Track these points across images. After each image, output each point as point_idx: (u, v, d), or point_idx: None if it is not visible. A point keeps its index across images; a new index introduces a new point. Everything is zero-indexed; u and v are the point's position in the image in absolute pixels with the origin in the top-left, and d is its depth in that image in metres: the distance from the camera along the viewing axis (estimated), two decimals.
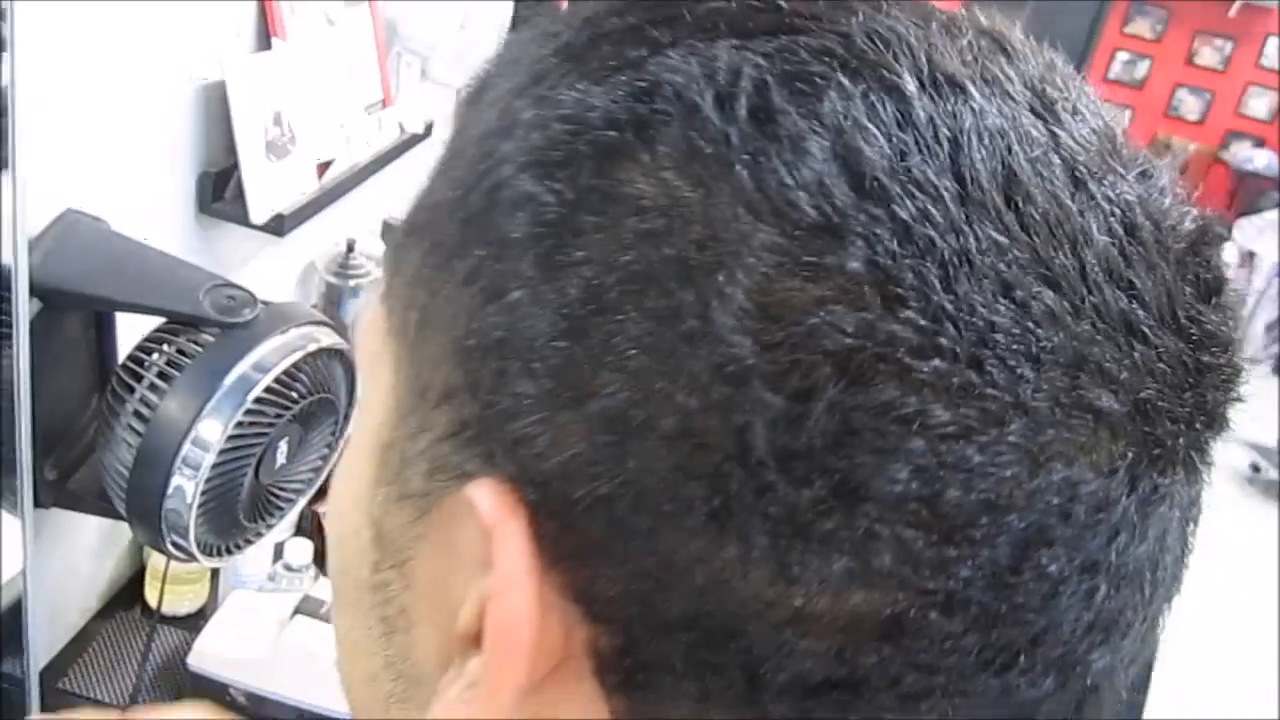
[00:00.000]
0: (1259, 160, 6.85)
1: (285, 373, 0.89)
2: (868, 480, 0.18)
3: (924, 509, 0.18)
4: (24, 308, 0.81)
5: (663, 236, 0.19)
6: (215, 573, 1.22)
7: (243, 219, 1.13)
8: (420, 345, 0.24)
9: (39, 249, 0.83)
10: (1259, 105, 7.13)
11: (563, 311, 0.20)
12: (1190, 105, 7.26)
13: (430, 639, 0.25)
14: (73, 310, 0.89)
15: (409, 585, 0.26)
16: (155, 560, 1.17)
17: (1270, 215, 6.06)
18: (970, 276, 0.19)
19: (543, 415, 0.21)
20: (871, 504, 0.18)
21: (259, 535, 0.97)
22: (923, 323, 0.18)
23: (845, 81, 0.19)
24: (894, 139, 0.19)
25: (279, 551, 1.20)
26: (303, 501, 1.00)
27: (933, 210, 0.19)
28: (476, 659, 0.22)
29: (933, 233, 0.19)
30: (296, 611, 1.09)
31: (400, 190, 1.22)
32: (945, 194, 0.19)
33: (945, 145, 0.19)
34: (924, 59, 0.20)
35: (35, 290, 0.81)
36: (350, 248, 1.49)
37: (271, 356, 0.88)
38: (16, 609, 0.93)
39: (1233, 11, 6.82)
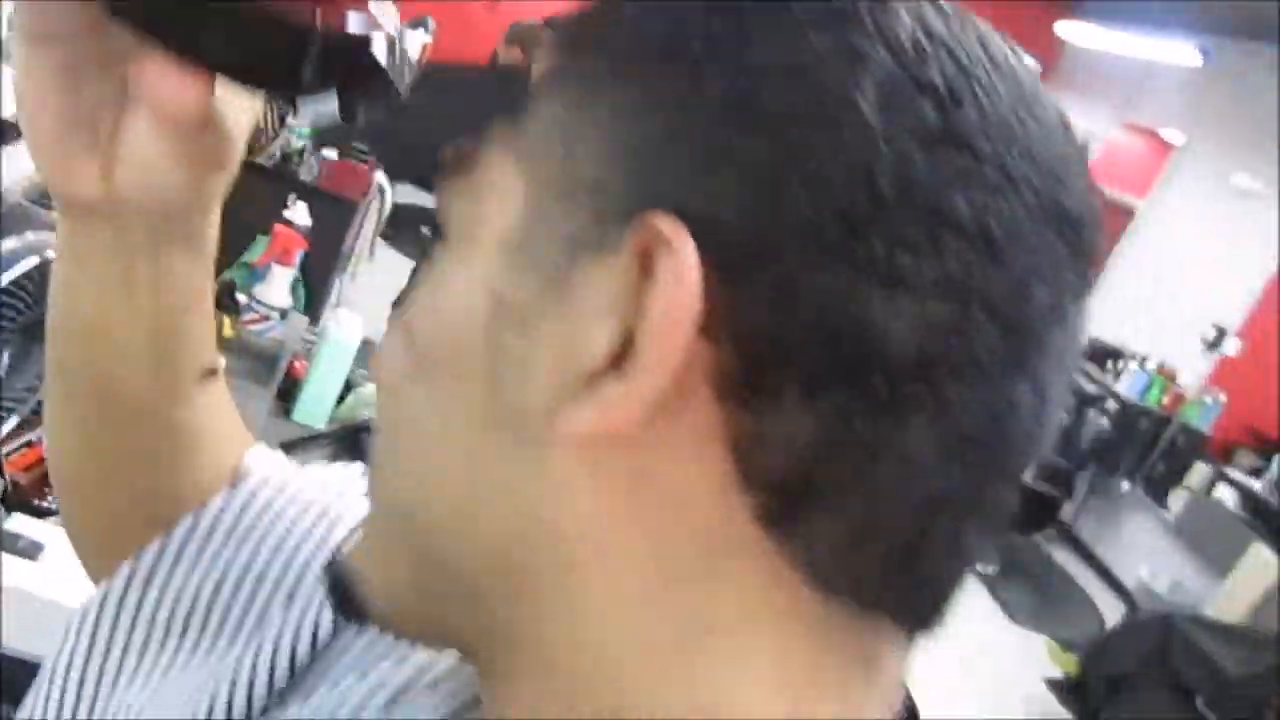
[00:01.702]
0: None
1: (17, 281, 0.86)
2: (950, 209, 0.26)
3: (980, 235, 0.27)
4: None
5: (807, 52, 0.27)
6: None
7: None
8: (571, 155, 0.29)
9: None
10: None
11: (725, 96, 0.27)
12: None
13: (548, 383, 0.28)
14: None
15: (531, 341, 0.28)
16: None
17: None
18: (998, 100, 0.28)
19: (702, 175, 0.27)
20: (950, 229, 0.26)
21: None
22: (976, 118, 0.27)
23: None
24: (952, 29, 0.29)
25: None
26: (14, 420, 0.95)
27: (975, 62, 0.28)
28: (615, 382, 0.27)
29: (979, 71, 0.28)
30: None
31: None
32: (979, 55, 0.28)
33: (975, 36, 0.29)
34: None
35: None
36: None
37: (4, 261, 0.85)
38: None
39: None
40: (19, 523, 1.08)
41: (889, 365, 0.26)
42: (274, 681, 0.42)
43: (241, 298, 2.04)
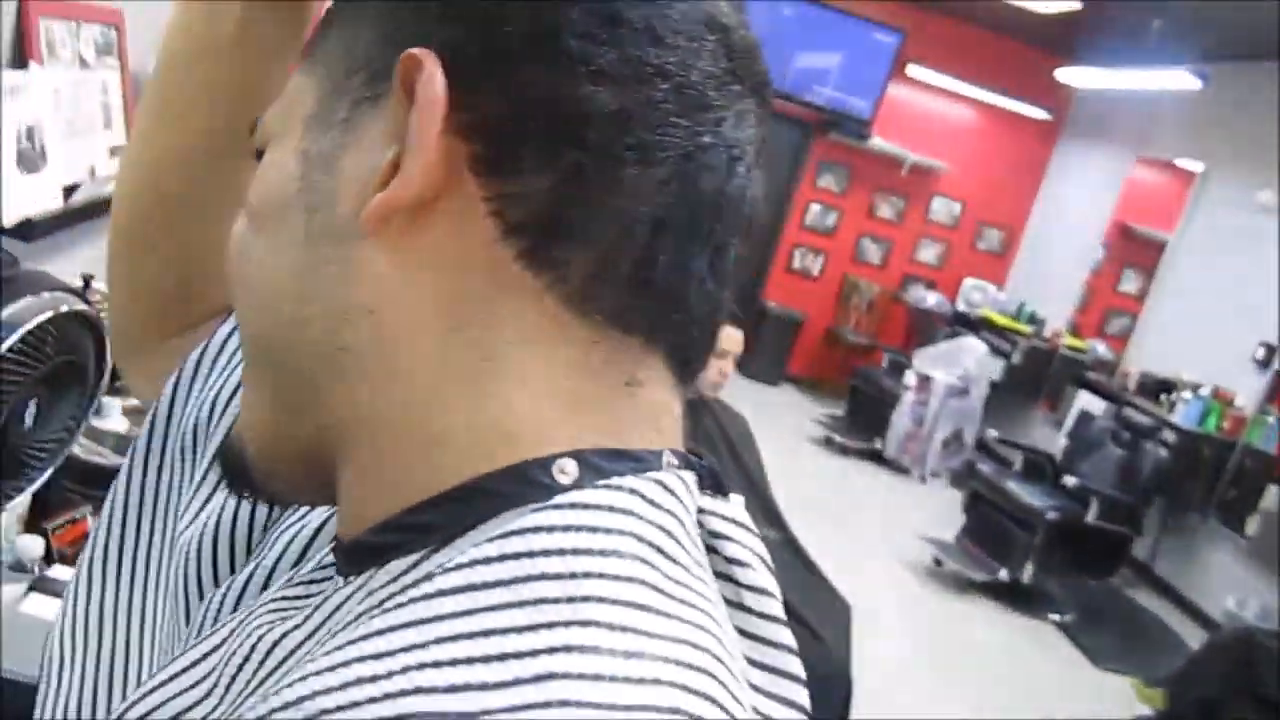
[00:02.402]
0: (930, 300, 7.85)
1: (33, 331, 0.96)
2: (621, 15, 0.36)
3: (647, 30, 0.36)
4: None
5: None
6: None
7: None
8: (347, 50, 0.39)
9: None
10: (929, 254, 8.22)
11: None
12: (873, 252, 8.26)
13: (349, 200, 0.37)
14: None
15: (334, 175, 0.38)
16: None
17: (942, 346, 6.92)
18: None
19: (440, 24, 0.36)
20: (623, 27, 0.36)
21: (8, 497, 1.01)
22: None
23: None
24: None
25: (12, 549, 1.21)
26: (49, 470, 1.05)
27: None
28: (396, 176, 0.35)
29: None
30: (30, 589, 1.11)
31: None
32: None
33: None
34: None
35: None
36: (87, 282, 1.54)
37: (22, 314, 0.95)
38: None
39: (904, 172, 7.89)
40: (60, 570, 1.18)
41: (597, 124, 0.35)
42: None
43: None
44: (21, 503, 1.32)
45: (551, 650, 0.30)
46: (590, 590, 0.32)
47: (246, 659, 0.39)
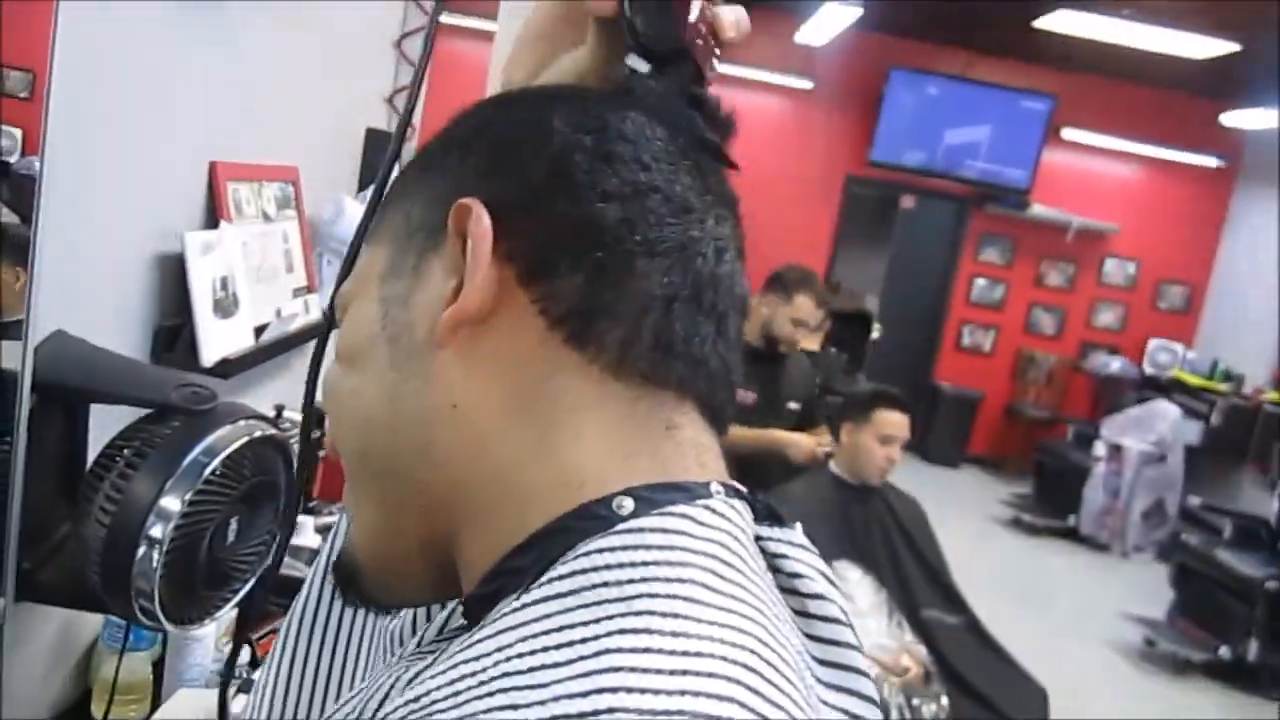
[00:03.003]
0: (1114, 365, 7.49)
1: (232, 456, 1.08)
2: (618, 155, 0.46)
3: (636, 160, 0.46)
4: (26, 405, 1.01)
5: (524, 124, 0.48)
6: (158, 685, 1.34)
7: (192, 364, 1.34)
8: (409, 217, 0.49)
9: (39, 355, 1.03)
10: (1107, 318, 7.88)
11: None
12: (1046, 322, 7.98)
13: (423, 326, 0.46)
14: (62, 403, 1.08)
15: (409, 309, 0.47)
16: (105, 671, 1.30)
17: (1132, 412, 6.58)
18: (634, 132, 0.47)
19: (483, 181, 0.46)
20: (621, 163, 0.46)
21: (216, 607, 1.13)
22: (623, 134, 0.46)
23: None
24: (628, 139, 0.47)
25: (219, 651, 1.33)
26: (251, 581, 1.16)
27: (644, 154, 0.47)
28: (464, 279, 0.44)
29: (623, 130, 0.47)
30: (237, 692, 1.22)
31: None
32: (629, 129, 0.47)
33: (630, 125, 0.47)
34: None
35: (34, 386, 1.01)
36: (279, 412, 1.70)
37: (222, 441, 1.08)
38: None
39: (1069, 237, 7.65)
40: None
41: (610, 231, 0.45)
42: None
43: None
44: (228, 615, 1.45)
45: (609, 633, 0.36)
46: (644, 589, 0.38)
47: (386, 695, 0.45)
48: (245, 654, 1.33)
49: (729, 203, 0.50)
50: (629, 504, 0.42)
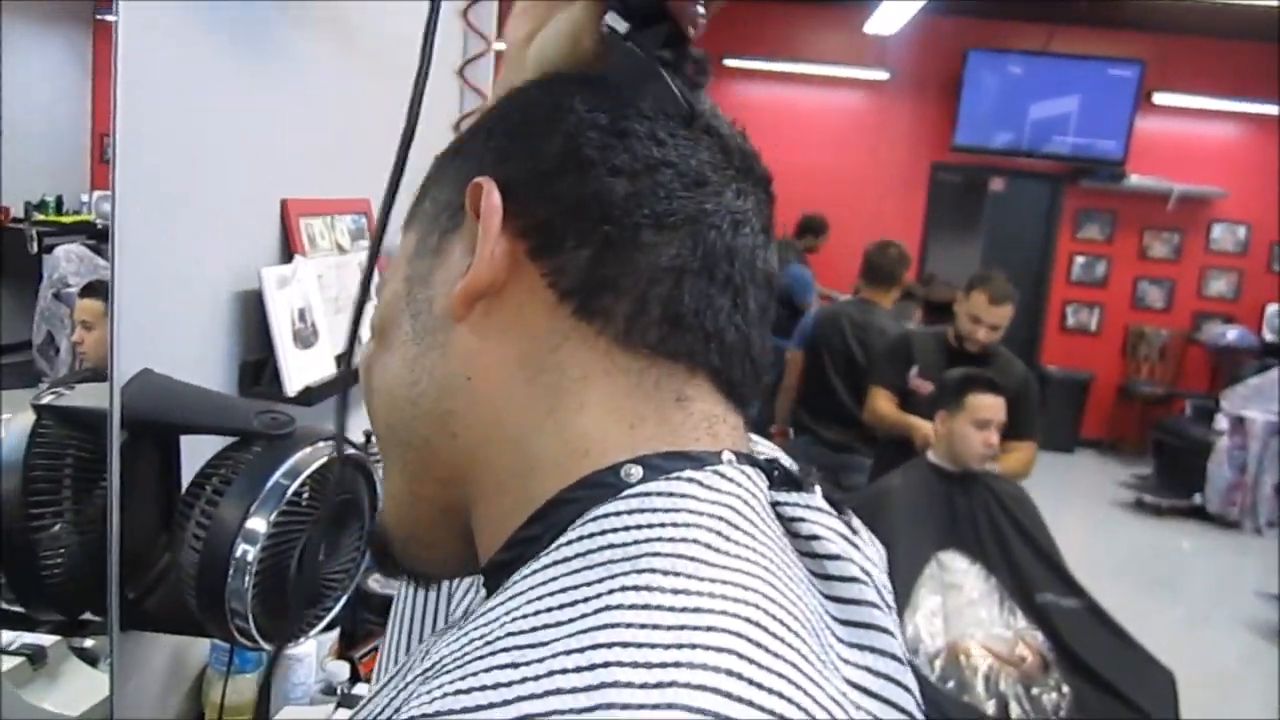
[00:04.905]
0: (1230, 335, 7.17)
1: (313, 476, 1.12)
2: (631, 131, 0.47)
3: (651, 137, 0.47)
4: (117, 440, 1.06)
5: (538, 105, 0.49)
6: (265, 705, 1.39)
7: (278, 395, 1.39)
8: (435, 201, 0.51)
9: (126, 393, 1.08)
10: (1220, 286, 7.55)
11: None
12: (1154, 295, 7.68)
13: (442, 301, 0.48)
14: (153, 437, 1.13)
15: (430, 286, 0.49)
16: (214, 694, 1.35)
17: (1253, 382, 6.29)
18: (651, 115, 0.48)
19: (496, 165, 0.48)
20: (634, 138, 0.47)
21: (310, 625, 1.17)
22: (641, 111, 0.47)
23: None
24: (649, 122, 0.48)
25: (323, 675, 1.37)
26: (342, 598, 1.20)
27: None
28: (476, 252, 0.46)
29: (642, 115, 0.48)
30: (339, 706, 1.25)
31: None
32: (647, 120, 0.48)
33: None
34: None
35: (124, 423, 1.06)
36: (369, 437, 1.75)
37: (303, 462, 1.11)
38: None
39: (1170, 206, 7.37)
40: (362, 689, 1.32)
41: (617, 206, 0.46)
42: None
43: None
44: (332, 637, 1.50)
45: (610, 591, 0.37)
46: (648, 549, 0.38)
47: (420, 668, 0.47)
48: (346, 671, 1.37)
49: (755, 178, 0.50)
50: (637, 471, 0.42)
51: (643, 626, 0.34)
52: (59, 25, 1.29)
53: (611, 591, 0.36)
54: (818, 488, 0.47)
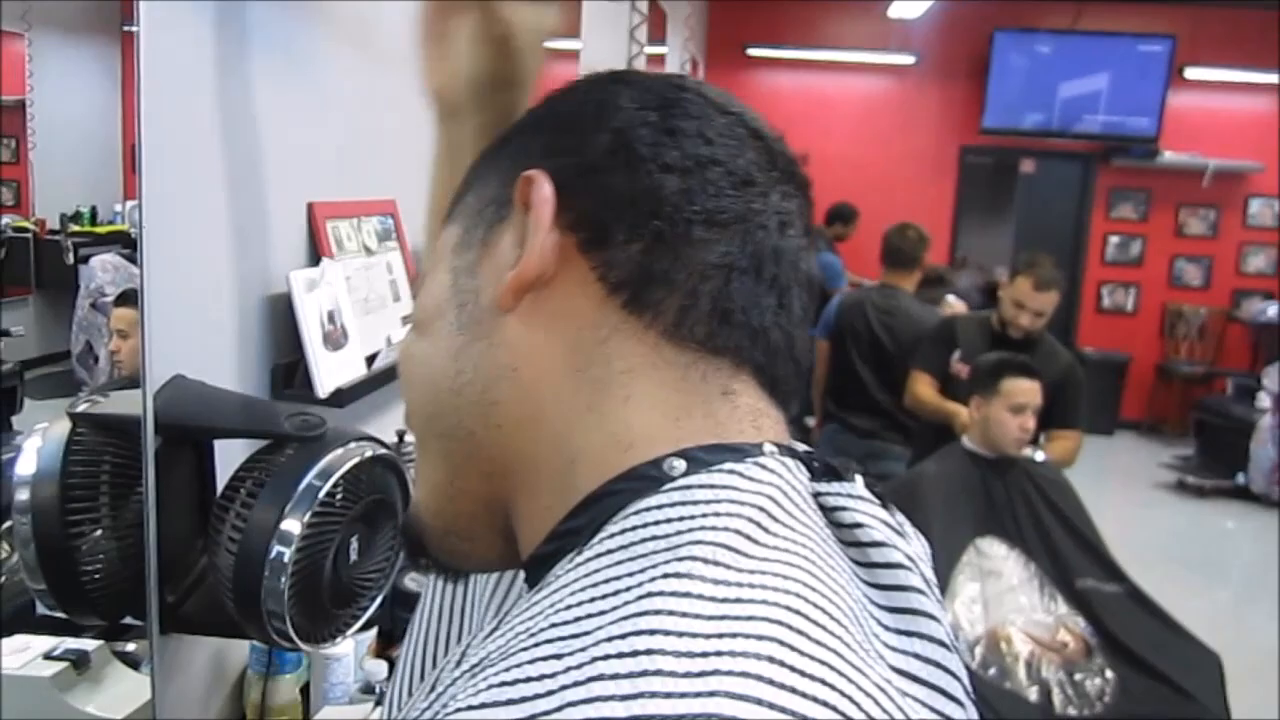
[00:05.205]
0: (1271, 311, 7.05)
1: (346, 476, 1.12)
2: (681, 130, 0.48)
3: (699, 135, 0.48)
4: (151, 446, 1.08)
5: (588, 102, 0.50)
6: (306, 706, 1.40)
7: (310, 398, 1.40)
8: (480, 195, 0.52)
9: (159, 399, 1.10)
10: (1258, 262, 7.43)
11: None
12: (1191, 273, 7.57)
13: (490, 292, 0.48)
14: (186, 442, 1.14)
15: (477, 277, 0.49)
16: (255, 695, 1.36)
17: None
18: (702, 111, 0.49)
19: (545, 158, 0.48)
20: (683, 136, 0.48)
21: (346, 625, 1.17)
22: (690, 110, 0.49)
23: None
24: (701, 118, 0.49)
25: (361, 674, 1.38)
26: (378, 598, 1.20)
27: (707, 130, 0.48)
28: (525, 244, 0.47)
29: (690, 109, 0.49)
30: (377, 704, 1.26)
31: None
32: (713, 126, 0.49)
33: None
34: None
35: (157, 428, 1.07)
36: (400, 437, 1.76)
37: (335, 463, 1.12)
38: None
39: (1205, 182, 7.25)
40: None
41: (669, 201, 0.46)
42: None
43: None
44: (369, 636, 1.51)
45: (651, 579, 0.37)
46: (690, 539, 0.39)
47: (458, 666, 0.47)
48: (384, 670, 1.38)
49: (797, 182, 0.50)
50: (680, 465, 0.43)
51: (684, 615, 0.35)
52: (88, 38, 1.31)
53: (653, 579, 0.37)
54: (859, 477, 0.46)
